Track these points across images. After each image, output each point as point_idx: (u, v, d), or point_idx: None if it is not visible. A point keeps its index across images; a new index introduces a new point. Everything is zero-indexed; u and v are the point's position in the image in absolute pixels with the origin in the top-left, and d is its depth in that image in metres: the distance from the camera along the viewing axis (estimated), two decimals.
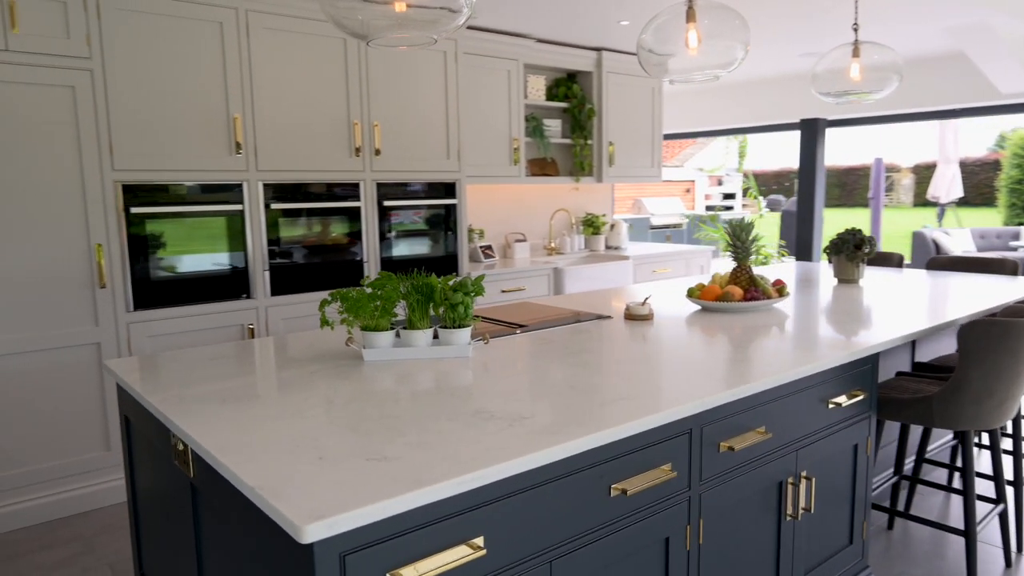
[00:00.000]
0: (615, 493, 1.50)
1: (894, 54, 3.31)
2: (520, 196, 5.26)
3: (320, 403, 1.61)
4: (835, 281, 3.54)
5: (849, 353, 2.02)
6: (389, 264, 3.92)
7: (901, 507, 2.99)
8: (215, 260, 3.32)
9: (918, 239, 8.73)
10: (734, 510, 1.83)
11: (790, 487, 1.96)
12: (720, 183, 15.28)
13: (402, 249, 3.97)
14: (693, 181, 15.26)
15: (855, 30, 3.40)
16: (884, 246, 10.91)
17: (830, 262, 3.64)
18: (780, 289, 2.85)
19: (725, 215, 12.15)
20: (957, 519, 2.91)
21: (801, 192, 6.69)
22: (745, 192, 15.24)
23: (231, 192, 3.34)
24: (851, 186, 21.31)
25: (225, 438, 1.39)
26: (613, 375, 1.80)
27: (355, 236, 3.77)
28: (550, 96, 5.15)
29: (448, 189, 4.13)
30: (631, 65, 5.30)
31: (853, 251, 3.45)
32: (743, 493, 1.82)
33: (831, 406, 2.07)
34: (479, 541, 1.28)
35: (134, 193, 3.08)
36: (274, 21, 3.38)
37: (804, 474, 2.00)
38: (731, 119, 7.12)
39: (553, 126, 5.08)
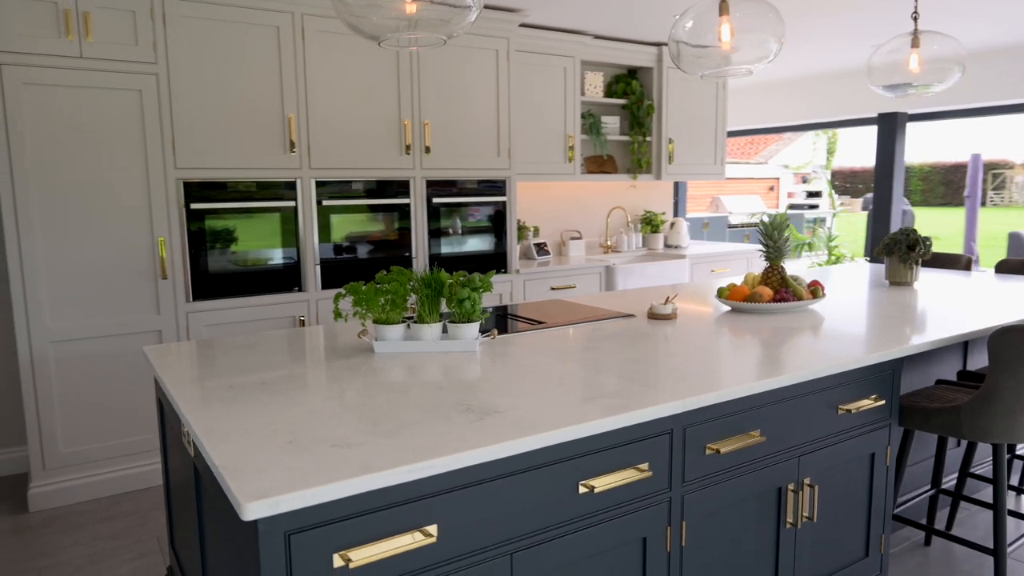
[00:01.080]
0: (583, 490, 1.52)
1: (956, 44, 3.12)
2: (577, 193, 5.26)
3: (316, 391, 1.70)
4: (887, 284, 3.38)
5: (855, 359, 1.95)
6: (438, 260, 4.03)
7: (943, 524, 2.84)
8: (269, 254, 3.52)
9: (1014, 240, 8.13)
10: (726, 514, 1.81)
11: (791, 494, 1.91)
12: (804, 180, 14.65)
13: (451, 246, 4.07)
14: (777, 179, 14.73)
15: (915, 19, 3.22)
16: (984, 248, 10.20)
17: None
18: (815, 291, 2.75)
19: (809, 214, 11.68)
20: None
21: (877, 190, 6.36)
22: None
23: (285, 189, 3.52)
24: (957, 184, 19.98)
25: (216, 420, 1.51)
26: (607, 373, 1.81)
27: (404, 232, 3.89)
28: (609, 93, 5.12)
29: (498, 187, 4.19)
30: None
31: (906, 252, 3.29)
32: (735, 497, 1.80)
33: (841, 412, 2.00)
34: (432, 529, 1.33)
35: (194, 190, 3.30)
36: (328, 24, 3.54)
37: (807, 481, 1.95)
38: (803, 114, 6.85)
39: (611, 123, 5.06)
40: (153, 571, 2.62)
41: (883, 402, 2.11)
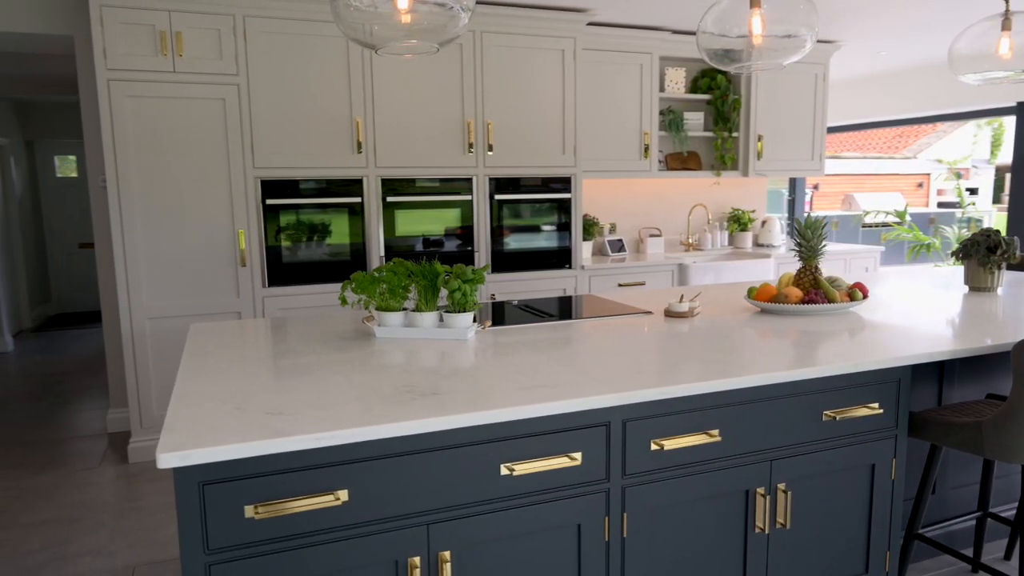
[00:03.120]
0: (504, 472, 1.58)
1: None
2: (658, 190, 5.19)
3: (297, 368, 1.89)
4: (966, 289, 3.10)
5: (840, 366, 1.85)
6: (501, 256, 4.15)
7: (1000, 553, 2.58)
8: (337, 246, 3.80)
9: None
10: (681, 512, 1.79)
11: (760, 498, 1.86)
12: (958, 176, 13.25)
13: (514, 242, 4.18)
14: (927, 174, 13.48)
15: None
16: None
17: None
18: (852, 294, 2.60)
19: (961, 212, 10.61)
20: None
21: (1014, 187, 5.72)
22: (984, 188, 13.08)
23: (352, 186, 3.79)
24: None
25: (195, 387, 1.72)
26: (568, 365, 1.85)
27: (467, 228, 4.05)
28: (693, 88, 5.01)
29: (563, 184, 4.24)
30: None
31: (986, 255, 3.00)
32: (690, 496, 1.78)
33: (825, 419, 1.91)
34: (343, 493, 1.46)
35: (270, 187, 3.64)
36: None
37: (782, 487, 1.88)
38: (929, 105, 6.28)
39: (694, 119, 4.95)
40: None
41: (882, 411, 1.98)
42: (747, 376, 1.75)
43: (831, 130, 8.07)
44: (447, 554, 1.56)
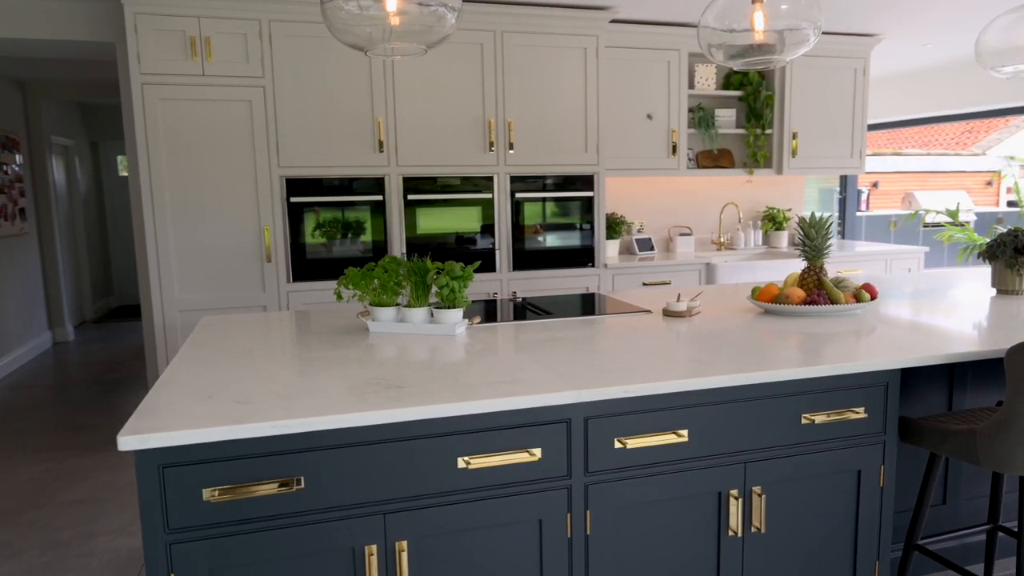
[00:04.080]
0: (461, 465, 1.61)
1: None
2: (689, 189, 5.12)
3: (282, 360, 1.96)
4: (994, 292, 2.97)
5: (812, 369, 1.81)
6: (522, 254, 4.17)
7: (1014, 569, 2.46)
8: (359, 243, 3.89)
9: None
10: (649, 511, 1.79)
11: (733, 501, 1.84)
12: None
13: (536, 240, 4.19)
14: (997, 172, 12.79)
15: None
16: None
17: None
18: (858, 295, 2.53)
19: None
20: None
21: None
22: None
23: (374, 185, 3.87)
24: None
25: (181, 375, 1.81)
26: (540, 363, 1.87)
27: (488, 226, 4.09)
28: (725, 85, 4.92)
29: (585, 182, 4.24)
30: (825, 45, 4.82)
31: (1013, 256, 2.86)
32: (658, 496, 1.77)
33: (804, 422, 1.87)
34: (300, 480, 1.52)
35: (294, 186, 3.76)
36: None
37: (757, 490, 1.85)
38: (993, 98, 5.98)
39: (726, 116, 4.86)
40: None
41: (867, 416, 1.92)
42: (714, 377, 1.73)
43: (886, 126, 7.78)
44: (404, 544, 1.60)
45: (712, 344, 2.05)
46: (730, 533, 1.85)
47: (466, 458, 1.62)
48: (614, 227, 4.71)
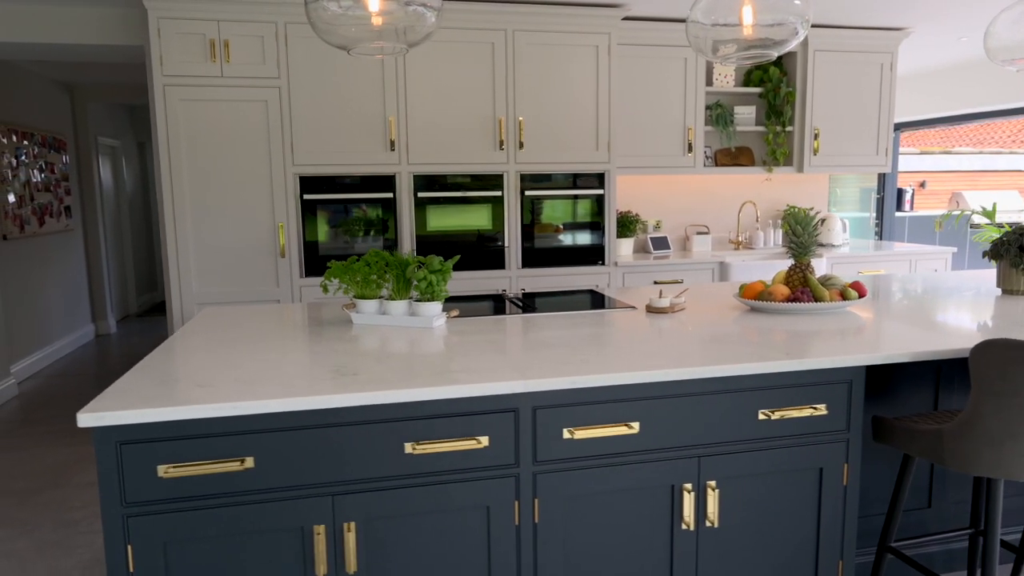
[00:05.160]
0: (408, 450, 1.67)
1: None
2: (706, 187, 5.07)
3: (264, 348, 2.05)
4: (999, 292, 2.88)
5: (764, 365, 1.80)
6: (532, 252, 4.21)
7: None
8: (370, 239, 3.99)
9: None
10: (600, 502, 1.81)
11: (686, 494, 1.84)
12: None
13: (546, 238, 4.22)
14: None
15: None
16: None
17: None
18: (845, 292, 2.49)
19: None
20: None
21: None
22: None
23: (385, 182, 3.97)
24: None
25: (163, 362, 1.91)
26: (507, 354, 1.91)
27: (498, 224, 4.14)
28: (745, 81, 4.86)
29: (596, 180, 4.25)
30: (849, 40, 4.72)
31: (1018, 255, 2.78)
32: (608, 487, 1.79)
33: (761, 418, 1.87)
34: (249, 460, 1.59)
35: (308, 183, 3.88)
36: None
37: (712, 485, 1.86)
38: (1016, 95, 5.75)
39: (745, 113, 4.80)
40: None
41: (827, 413, 1.90)
42: (662, 370, 1.74)
43: (929, 123, 7.53)
44: (352, 525, 1.66)
45: (682, 340, 2.06)
46: (683, 527, 1.86)
47: (412, 444, 1.67)
48: (628, 225, 4.70)
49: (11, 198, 5.21)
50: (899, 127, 7.38)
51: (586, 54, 4.14)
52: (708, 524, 1.87)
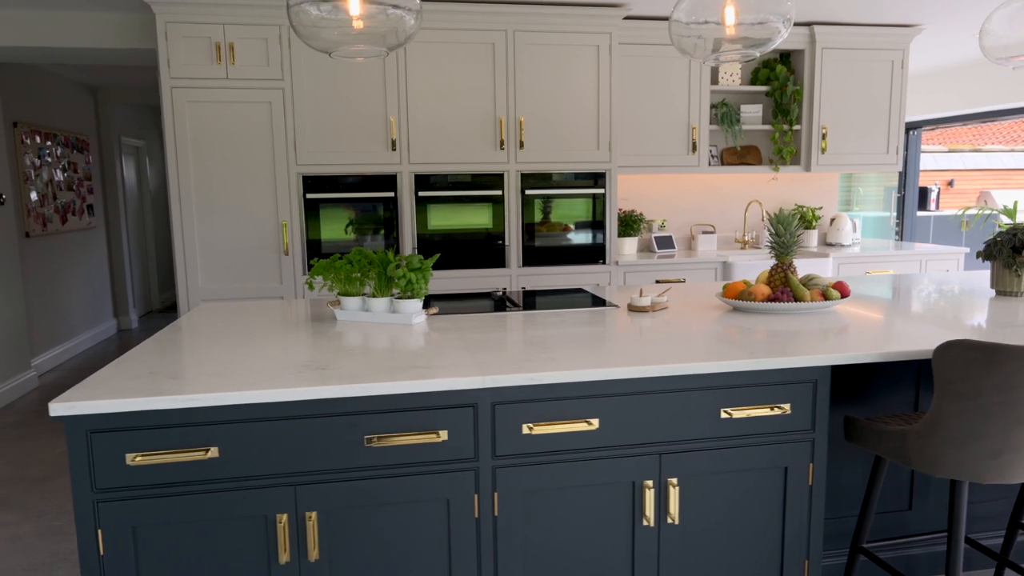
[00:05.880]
0: (368, 443, 1.72)
1: None
2: (712, 186, 5.05)
3: (245, 343, 2.11)
4: (993, 293, 2.84)
5: (723, 364, 1.82)
6: (533, 251, 4.24)
7: None
8: (371, 238, 4.06)
9: None
10: (561, 498, 1.84)
11: (647, 491, 1.86)
12: None
13: (547, 237, 4.25)
14: None
15: None
16: None
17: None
18: (826, 293, 2.48)
19: None
20: None
21: None
22: None
23: (386, 181, 4.03)
24: None
25: (149, 355, 1.98)
26: (470, 351, 1.95)
27: (499, 223, 4.18)
28: (752, 80, 4.83)
29: (597, 179, 4.26)
30: (857, 37, 4.66)
31: (1010, 256, 2.74)
32: (568, 482, 1.82)
33: (723, 416, 1.88)
34: (213, 450, 1.65)
35: (310, 182, 3.96)
36: (427, 35, 3.96)
37: (673, 482, 1.87)
38: None
39: (751, 112, 4.77)
40: None
41: (791, 413, 1.91)
42: (620, 368, 1.76)
43: (961, 119, 7.38)
44: (313, 515, 1.71)
45: (655, 338, 2.08)
46: (644, 523, 1.88)
47: (372, 436, 1.72)
48: (631, 224, 4.71)
49: (33, 196, 5.39)
50: (920, 125, 7.25)
51: (587, 54, 4.16)
52: (670, 521, 1.89)
